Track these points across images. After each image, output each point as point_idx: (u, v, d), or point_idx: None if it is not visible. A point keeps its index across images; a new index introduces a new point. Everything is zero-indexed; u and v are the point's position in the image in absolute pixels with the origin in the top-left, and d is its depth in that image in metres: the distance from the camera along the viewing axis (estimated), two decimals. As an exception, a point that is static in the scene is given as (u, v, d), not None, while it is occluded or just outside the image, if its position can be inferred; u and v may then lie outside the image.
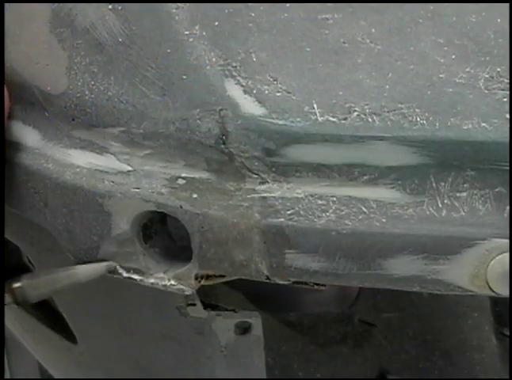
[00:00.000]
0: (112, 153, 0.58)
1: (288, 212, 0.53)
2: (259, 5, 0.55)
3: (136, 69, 0.56)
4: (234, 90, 0.53)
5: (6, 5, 0.63)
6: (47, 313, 0.84)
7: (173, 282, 0.59)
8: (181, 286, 0.58)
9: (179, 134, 0.55)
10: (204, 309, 0.68)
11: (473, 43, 0.52)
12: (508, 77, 0.50)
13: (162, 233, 0.61)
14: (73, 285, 0.59)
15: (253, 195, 0.54)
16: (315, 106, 0.52)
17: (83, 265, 0.59)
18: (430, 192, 0.52)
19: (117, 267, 0.59)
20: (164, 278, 0.59)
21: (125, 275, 0.60)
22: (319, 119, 0.51)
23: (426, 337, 1.02)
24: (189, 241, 0.56)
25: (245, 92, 0.53)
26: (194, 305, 0.68)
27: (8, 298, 0.60)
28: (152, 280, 0.59)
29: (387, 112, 0.51)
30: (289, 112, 0.52)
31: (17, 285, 0.60)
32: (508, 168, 0.51)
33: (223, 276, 0.58)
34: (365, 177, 0.53)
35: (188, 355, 0.74)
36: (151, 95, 0.55)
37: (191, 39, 0.54)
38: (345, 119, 0.51)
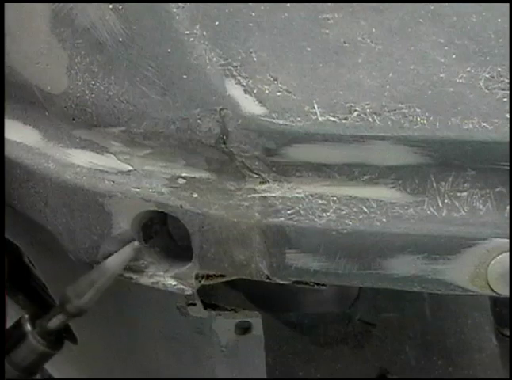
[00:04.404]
0: (112, 153, 0.58)
1: (289, 212, 0.53)
2: (259, 4, 0.55)
3: (137, 68, 0.56)
4: (234, 90, 0.53)
5: (6, 5, 0.63)
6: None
7: (173, 281, 0.59)
8: (182, 286, 0.58)
9: (179, 133, 0.55)
10: (205, 309, 0.68)
11: (473, 43, 0.52)
12: (508, 77, 0.51)
13: (163, 232, 0.61)
14: (110, 278, 0.59)
15: (253, 195, 0.54)
16: (315, 106, 0.52)
17: (110, 257, 0.59)
18: (431, 192, 0.52)
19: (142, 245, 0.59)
20: (164, 277, 0.59)
21: (126, 274, 0.60)
22: (320, 118, 0.51)
23: (426, 337, 1.02)
24: (189, 241, 0.56)
25: (245, 91, 0.53)
26: (194, 304, 0.68)
27: (63, 317, 0.62)
28: (152, 280, 0.59)
29: (388, 111, 0.51)
30: (290, 112, 0.52)
31: None
32: (508, 168, 0.51)
33: (223, 276, 0.58)
34: (366, 177, 0.53)
35: (188, 354, 0.74)
36: (152, 94, 0.55)
37: (191, 39, 0.54)
38: (345, 118, 0.51)
